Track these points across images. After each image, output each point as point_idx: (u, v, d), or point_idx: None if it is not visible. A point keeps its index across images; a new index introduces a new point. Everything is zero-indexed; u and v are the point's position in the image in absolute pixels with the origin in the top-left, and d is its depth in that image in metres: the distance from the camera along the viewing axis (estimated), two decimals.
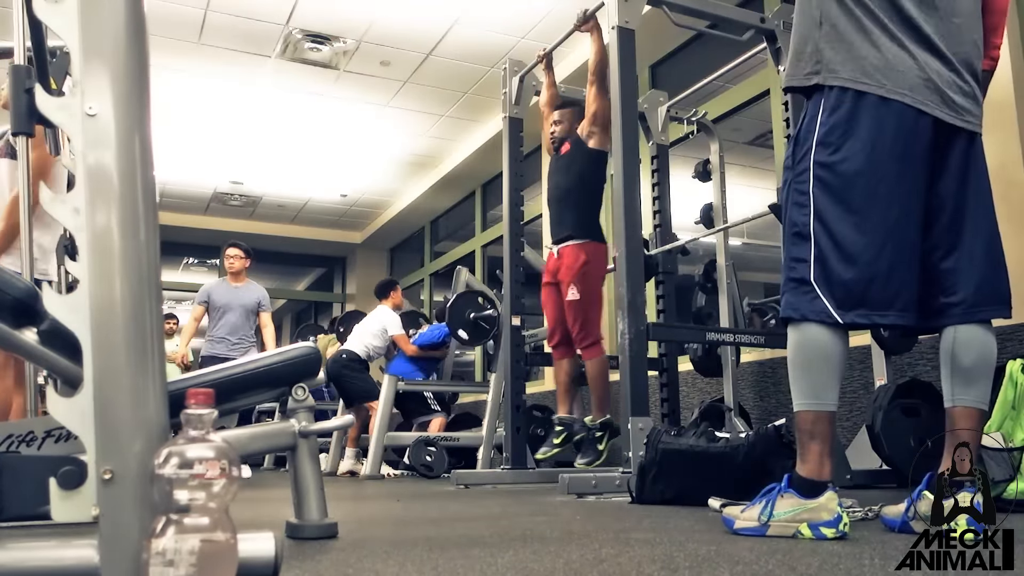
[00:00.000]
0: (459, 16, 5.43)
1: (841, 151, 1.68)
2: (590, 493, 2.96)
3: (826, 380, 1.68)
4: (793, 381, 1.73)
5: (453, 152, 7.90)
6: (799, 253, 1.72)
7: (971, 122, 1.74)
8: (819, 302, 1.67)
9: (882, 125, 1.67)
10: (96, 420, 0.90)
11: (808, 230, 1.70)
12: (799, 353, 1.72)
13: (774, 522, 1.64)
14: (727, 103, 5.17)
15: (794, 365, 1.73)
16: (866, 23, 1.72)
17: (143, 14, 1.02)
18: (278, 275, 12.70)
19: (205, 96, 6.63)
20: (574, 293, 3.86)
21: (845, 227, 1.67)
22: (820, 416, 1.67)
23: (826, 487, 1.63)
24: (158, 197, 1.24)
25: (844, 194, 1.68)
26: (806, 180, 1.72)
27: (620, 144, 3.12)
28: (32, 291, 1.47)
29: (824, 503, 1.61)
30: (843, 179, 1.68)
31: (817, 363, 1.69)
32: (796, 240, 1.73)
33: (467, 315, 5.31)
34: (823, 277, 1.68)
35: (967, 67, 1.75)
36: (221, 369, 1.81)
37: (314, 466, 1.76)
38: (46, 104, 0.98)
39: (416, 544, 1.61)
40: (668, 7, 3.37)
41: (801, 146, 1.75)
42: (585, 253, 3.89)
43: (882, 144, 1.67)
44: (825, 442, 1.66)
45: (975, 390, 1.74)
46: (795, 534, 1.61)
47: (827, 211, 1.69)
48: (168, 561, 0.79)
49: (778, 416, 4.25)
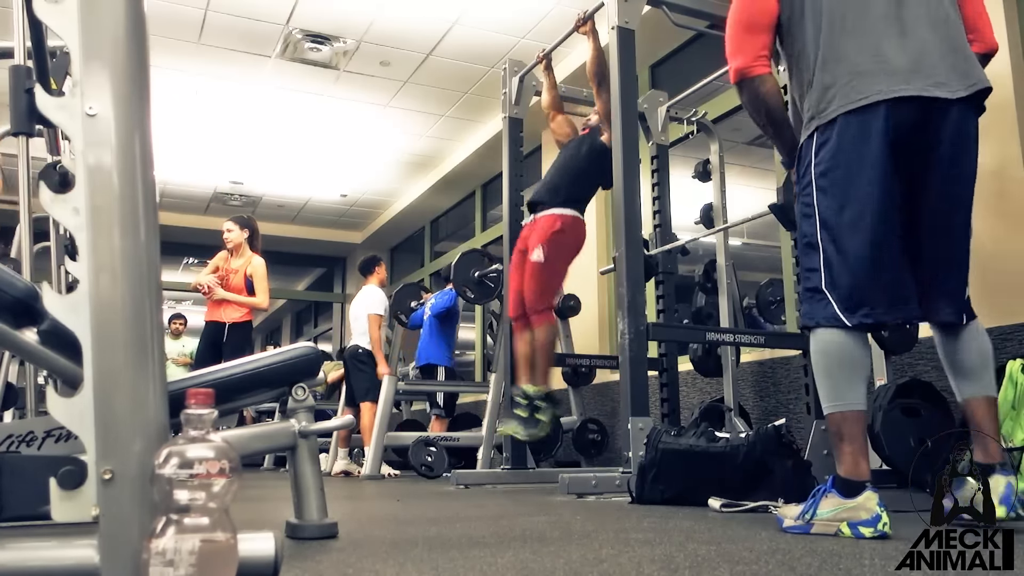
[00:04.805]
0: (459, 16, 5.42)
1: (827, 160, 1.76)
2: (590, 493, 2.96)
3: (848, 381, 1.72)
4: (819, 386, 1.78)
5: (453, 152, 7.90)
6: (811, 263, 1.79)
7: (957, 91, 1.74)
8: (830, 307, 1.73)
9: (854, 130, 1.73)
10: (96, 420, 0.90)
11: (816, 239, 1.77)
12: (820, 358, 1.77)
13: (817, 521, 1.68)
14: (727, 103, 5.17)
15: (817, 370, 1.78)
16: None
17: (143, 14, 1.02)
18: (278, 275, 12.69)
19: (205, 96, 6.63)
20: (538, 255, 3.71)
21: (842, 232, 1.73)
22: (846, 416, 1.71)
23: (864, 486, 1.66)
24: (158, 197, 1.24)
25: (836, 199, 1.74)
26: (810, 192, 1.79)
27: (620, 144, 3.12)
28: (32, 291, 1.47)
29: (863, 502, 1.64)
30: (833, 185, 1.75)
31: (837, 366, 1.74)
32: (807, 251, 1.80)
33: (472, 273, 5.29)
34: (831, 283, 1.74)
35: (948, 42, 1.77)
36: (221, 369, 1.81)
37: (314, 466, 1.76)
38: (46, 104, 0.98)
39: (416, 544, 1.61)
40: (668, 7, 3.36)
41: (803, 160, 1.83)
42: (562, 222, 3.77)
43: (857, 148, 1.72)
44: (855, 441, 1.69)
45: (979, 381, 1.80)
46: (836, 533, 1.65)
47: (828, 218, 1.75)
48: (168, 561, 0.79)
49: (778, 416, 4.25)
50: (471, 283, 5.30)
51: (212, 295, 5.37)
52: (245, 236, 5.53)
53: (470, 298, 5.37)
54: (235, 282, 5.43)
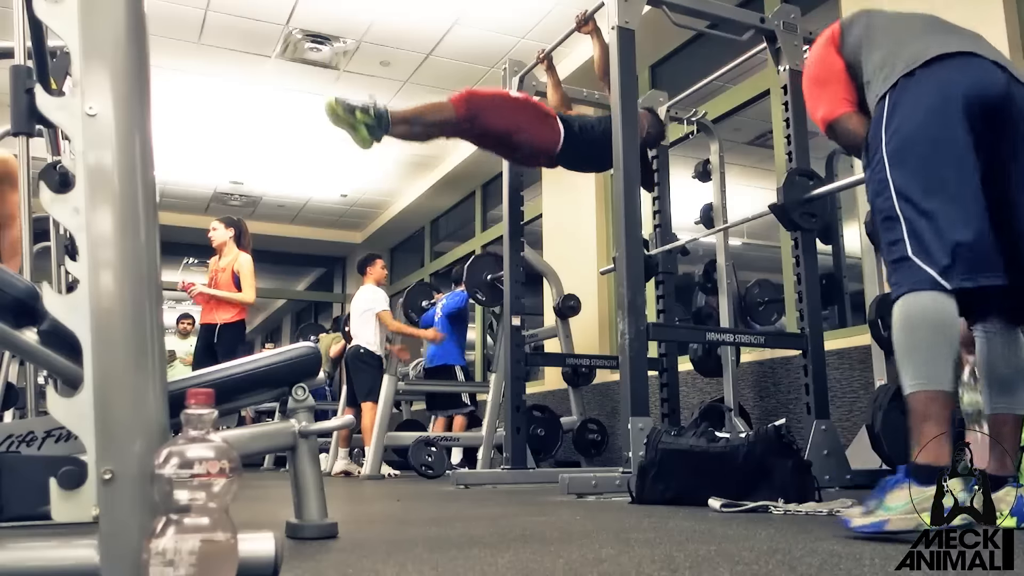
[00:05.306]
0: (459, 16, 5.43)
1: (895, 126, 1.74)
2: (590, 493, 2.96)
3: (938, 355, 1.61)
4: (902, 364, 1.66)
5: (453, 152, 7.90)
6: (893, 236, 1.71)
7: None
8: (922, 271, 1.64)
9: (923, 89, 1.73)
10: (96, 420, 0.90)
11: (895, 211, 1.70)
12: (906, 328, 1.66)
13: (893, 515, 1.52)
14: (727, 103, 5.17)
15: (902, 346, 1.66)
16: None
17: (143, 14, 1.02)
18: (278, 275, 12.71)
19: (205, 96, 6.63)
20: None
21: (925, 196, 1.68)
22: (933, 396, 1.60)
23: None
24: (158, 197, 1.24)
25: (913, 165, 1.70)
26: (882, 168, 1.75)
27: (620, 144, 3.12)
28: (32, 291, 1.47)
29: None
30: (907, 149, 1.72)
31: (926, 335, 1.63)
32: (887, 225, 1.73)
33: (484, 276, 5.32)
34: (921, 250, 1.65)
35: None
36: (221, 369, 1.81)
37: (314, 466, 1.76)
38: (46, 104, 0.98)
39: (416, 544, 1.61)
40: (668, 7, 3.36)
41: (873, 143, 1.80)
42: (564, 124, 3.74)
43: (930, 107, 1.71)
44: (941, 425, 1.58)
45: (1013, 396, 1.77)
46: (917, 526, 1.49)
47: (906, 187, 1.70)
48: (168, 561, 0.79)
49: (778, 416, 4.25)
50: (483, 286, 5.32)
51: (191, 290, 5.41)
52: (230, 235, 5.54)
53: (481, 300, 5.41)
54: (223, 280, 5.44)
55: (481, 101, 3.57)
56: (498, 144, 3.74)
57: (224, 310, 5.40)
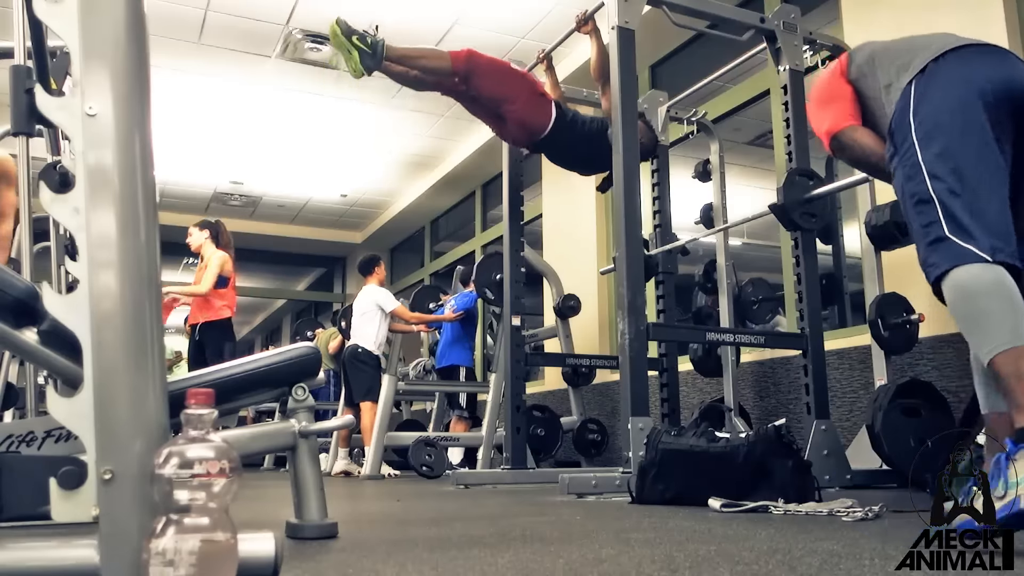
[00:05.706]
0: (459, 16, 5.42)
1: (925, 111, 1.75)
2: (590, 493, 2.96)
3: (1009, 312, 1.55)
4: (973, 334, 1.61)
5: (453, 152, 7.90)
6: (927, 218, 1.69)
7: None
8: (963, 247, 1.62)
9: (952, 75, 1.75)
10: (96, 420, 0.90)
11: (929, 194, 1.68)
12: (966, 298, 1.61)
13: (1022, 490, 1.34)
14: (727, 103, 5.17)
15: (968, 316, 1.62)
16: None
17: (143, 14, 1.02)
18: (278, 275, 12.71)
19: (205, 96, 6.63)
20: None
21: (958, 178, 1.67)
22: (1021, 351, 1.51)
23: None
24: (158, 197, 1.24)
25: (944, 147, 1.70)
26: (913, 152, 1.74)
27: (620, 144, 3.12)
28: (32, 291, 1.47)
29: None
30: (938, 132, 1.72)
31: (991, 299, 1.58)
32: (920, 208, 1.71)
33: (493, 276, 5.34)
34: (959, 229, 1.64)
35: None
36: (221, 369, 1.81)
37: (314, 466, 1.76)
38: (46, 104, 0.98)
39: (416, 544, 1.61)
40: (668, 7, 3.36)
41: (901, 130, 1.79)
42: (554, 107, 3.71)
43: (958, 92, 1.72)
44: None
45: None
46: None
47: (939, 169, 1.69)
48: (168, 561, 0.79)
49: (778, 416, 4.25)
50: (493, 285, 5.34)
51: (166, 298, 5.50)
52: (206, 236, 5.64)
53: (491, 300, 5.44)
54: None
55: (480, 62, 3.57)
56: (487, 111, 3.74)
57: (203, 310, 5.49)
